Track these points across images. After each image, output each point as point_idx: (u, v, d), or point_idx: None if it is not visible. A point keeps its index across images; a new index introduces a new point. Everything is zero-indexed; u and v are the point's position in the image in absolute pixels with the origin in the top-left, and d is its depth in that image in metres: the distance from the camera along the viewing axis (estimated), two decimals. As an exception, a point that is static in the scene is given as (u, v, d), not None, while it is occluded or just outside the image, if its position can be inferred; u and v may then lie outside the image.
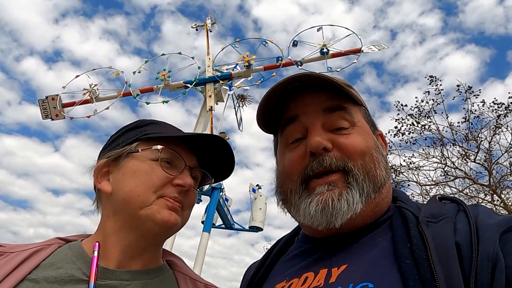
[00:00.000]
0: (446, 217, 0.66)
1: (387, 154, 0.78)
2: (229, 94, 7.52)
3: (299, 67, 7.07)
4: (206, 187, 6.44)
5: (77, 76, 7.22)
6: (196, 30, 8.79)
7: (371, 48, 7.45)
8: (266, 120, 0.88)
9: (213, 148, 0.94)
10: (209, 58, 7.77)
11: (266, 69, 7.38)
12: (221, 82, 7.18)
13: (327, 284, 0.67)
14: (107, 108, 7.37)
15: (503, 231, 0.60)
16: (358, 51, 7.23)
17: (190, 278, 0.95)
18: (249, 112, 8.36)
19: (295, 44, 7.38)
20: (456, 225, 0.63)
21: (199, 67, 7.48)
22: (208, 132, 6.43)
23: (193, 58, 7.55)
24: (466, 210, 0.66)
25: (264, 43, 7.39)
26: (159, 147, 0.86)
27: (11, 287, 0.71)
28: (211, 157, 0.95)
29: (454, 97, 9.25)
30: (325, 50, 7.09)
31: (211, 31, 8.63)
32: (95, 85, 7.27)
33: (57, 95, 7.33)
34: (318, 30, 7.46)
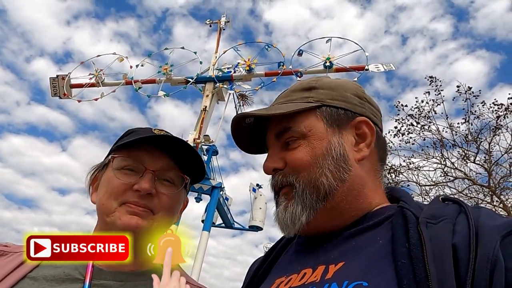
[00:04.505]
0: (445, 219, 0.66)
1: (373, 141, 0.80)
2: (230, 94, 7.60)
3: (298, 78, 7.02)
4: (206, 186, 6.58)
5: (81, 63, 7.54)
6: (210, 26, 8.90)
7: (377, 67, 7.27)
8: (246, 150, 0.96)
9: (183, 149, 0.96)
10: (216, 57, 7.87)
11: (267, 75, 7.40)
12: (220, 86, 7.27)
13: (323, 280, 0.69)
14: (114, 91, 7.67)
15: (506, 233, 0.59)
16: (362, 68, 7.10)
17: None
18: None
19: (300, 53, 7.32)
20: (455, 227, 0.63)
21: (201, 62, 7.59)
22: (195, 133, 6.56)
23: (195, 53, 7.67)
24: (467, 212, 0.66)
25: (266, 47, 7.39)
26: (110, 157, 0.93)
27: (12, 284, 0.77)
28: (187, 157, 0.97)
29: (454, 98, 9.00)
30: (327, 64, 7.00)
31: (224, 29, 8.71)
32: (101, 70, 7.56)
33: (67, 75, 7.69)
34: (327, 42, 7.36)
